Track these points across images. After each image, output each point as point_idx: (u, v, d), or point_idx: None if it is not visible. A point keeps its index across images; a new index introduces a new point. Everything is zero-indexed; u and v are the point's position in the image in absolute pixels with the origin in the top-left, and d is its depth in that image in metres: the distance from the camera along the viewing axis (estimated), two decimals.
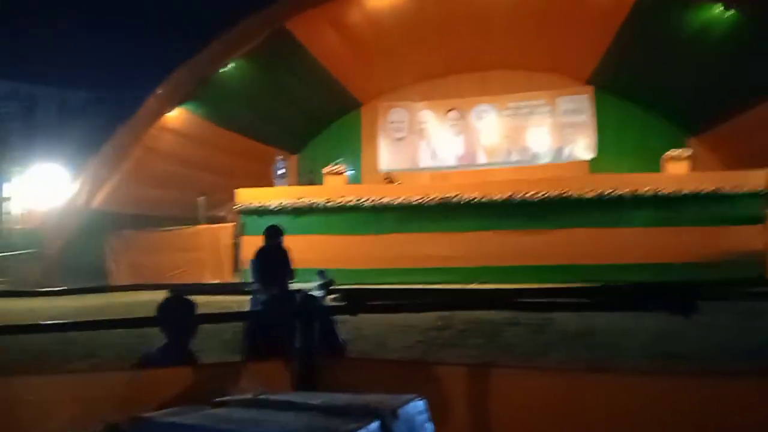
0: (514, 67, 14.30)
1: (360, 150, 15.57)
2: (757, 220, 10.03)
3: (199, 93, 11.80)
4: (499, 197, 10.69)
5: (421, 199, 10.94)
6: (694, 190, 10.18)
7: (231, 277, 11.62)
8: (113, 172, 11.97)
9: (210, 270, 11.94)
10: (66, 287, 10.72)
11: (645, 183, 10.43)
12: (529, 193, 10.62)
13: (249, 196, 11.68)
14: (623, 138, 14.11)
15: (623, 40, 11.49)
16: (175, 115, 12.03)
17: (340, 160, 12.57)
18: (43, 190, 18.59)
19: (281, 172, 12.66)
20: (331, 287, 6.75)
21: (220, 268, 11.93)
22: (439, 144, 15.21)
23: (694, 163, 11.35)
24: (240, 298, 7.39)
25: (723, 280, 8.77)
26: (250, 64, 11.79)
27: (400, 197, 11.06)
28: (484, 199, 10.75)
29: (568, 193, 10.52)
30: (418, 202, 10.96)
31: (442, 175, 14.72)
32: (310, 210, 11.30)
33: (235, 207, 11.80)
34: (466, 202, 10.81)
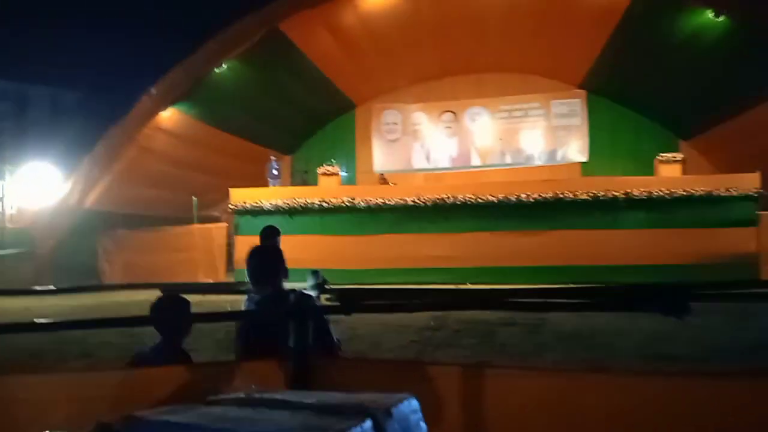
0: (508, 70, 14.35)
1: (354, 151, 15.59)
2: (749, 222, 10.11)
3: (193, 93, 11.75)
4: (493, 198, 10.73)
5: (415, 200, 10.97)
6: (687, 193, 10.27)
7: (225, 277, 11.59)
8: (106, 171, 11.92)
9: (203, 270, 11.91)
10: (57, 287, 10.66)
11: (638, 185, 10.51)
12: (523, 195, 10.68)
13: (243, 196, 11.67)
14: (616, 141, 14.22)
15: (616, 45, 11.58)
16: (169, 116, 11.98)
17: (333, 161, 12.58)
18: (35, 189, 18.47)
19: (275, 172, 12.66)
20: (326, 286, 6.73)
21: (213, 268, 11.91)
22: (433, 145, 15.24)
23: (686, 166, 11.44)
24: (233, 297, 7.36)
25: (715, 282, 8.81)
26: (244, 65, 11.75)
27: (394, 198, 11.08)
28: (479, 200, 10.79)
29: (562, 195, 10.58)
30: (412, 203, 10.98)
31: (436, 176, 14.79)
32: (305, 210, 11.30)
33: (230, 207, 11.78)
34: (460, 203, 10.85)
